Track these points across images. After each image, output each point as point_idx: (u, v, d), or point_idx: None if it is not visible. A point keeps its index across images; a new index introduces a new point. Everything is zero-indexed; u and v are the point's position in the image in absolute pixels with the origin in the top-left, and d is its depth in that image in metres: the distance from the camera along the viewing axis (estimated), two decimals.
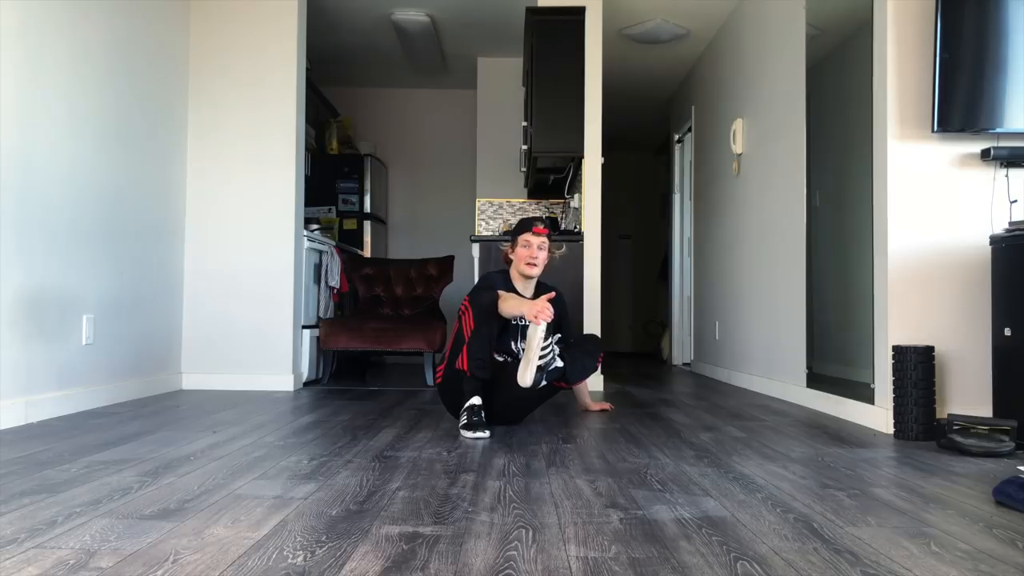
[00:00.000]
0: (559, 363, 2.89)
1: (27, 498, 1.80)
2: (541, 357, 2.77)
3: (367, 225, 6.67)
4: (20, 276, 3.00)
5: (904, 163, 3.03)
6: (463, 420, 2.82)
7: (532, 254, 3.13)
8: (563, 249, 3.41)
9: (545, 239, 3.15)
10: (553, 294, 2.87)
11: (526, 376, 2.76)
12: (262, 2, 4.46)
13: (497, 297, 2.91)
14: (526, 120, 5.16)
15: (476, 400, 2.86)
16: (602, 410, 3.54)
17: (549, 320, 2.76)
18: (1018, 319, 2.62)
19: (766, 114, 4.53)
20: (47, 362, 3.17)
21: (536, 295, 3.15)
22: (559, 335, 3.00)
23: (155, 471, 2.11)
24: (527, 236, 3.14)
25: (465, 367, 2.88)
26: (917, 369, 2.80)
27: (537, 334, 2.76)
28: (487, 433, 2.75)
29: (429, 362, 4.60)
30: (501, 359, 3.08)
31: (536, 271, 3.14)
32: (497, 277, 3.18)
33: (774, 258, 4.36)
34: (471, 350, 2.87)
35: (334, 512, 1.71)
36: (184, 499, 1.80)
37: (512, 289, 3.14)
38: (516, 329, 3.12)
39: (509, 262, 3.23)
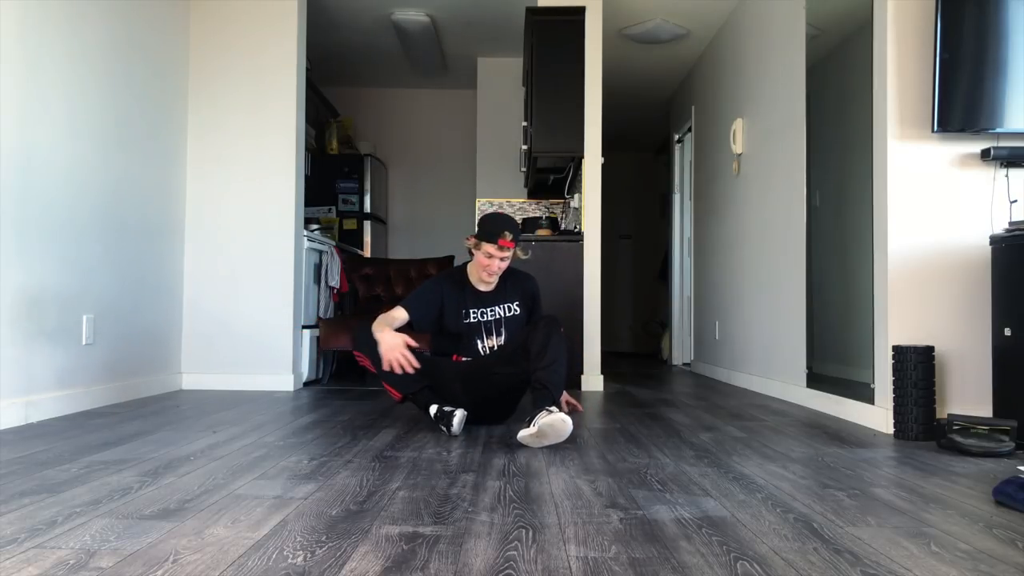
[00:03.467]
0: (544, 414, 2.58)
1: (27, 498, 1.80)
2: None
3: (367, 225, 6.67)
4: (20, 276, 3.00)
5: (904, 163, 3.03)
6: (433, 418, 2.82)
7: (492, 268, 2.94)
8: (528, 254, 3.12)
9: (511, 252, 2.93)
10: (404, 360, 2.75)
11: (524, 437, 2.56)
12: (262, 2, 4.46)
13: (376, 330, 2.81)
14: (526, 120, 5.16)
15: (433, 408, 2.82)
16: (573, 409, 3.28)
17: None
18: (1018, 319, 2.62)
19: (766, 114, 4.53)
20: (47, 362, 3.17)
21: (501, 286, 3.05)
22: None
23: (155, 471, 2.11)
24: (491, 248, 2.90)
25: (399, 397, 2.88)
26: (917, 369, 2.80)
27: (565, 433, 2.55)
28: (458, 411, 2.74)
29: None
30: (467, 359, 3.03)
31: (493, 279, 3.01)
32: (445, 282, 3.02)
33: (774, 258, 4.36)
34: (391, 383, 2.85)
35: (334, 512, 1.71)
36: (184, 499, 1.80)
37: (470, 289, 3.03)
38: (480, 327, 3.01)
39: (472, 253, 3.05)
